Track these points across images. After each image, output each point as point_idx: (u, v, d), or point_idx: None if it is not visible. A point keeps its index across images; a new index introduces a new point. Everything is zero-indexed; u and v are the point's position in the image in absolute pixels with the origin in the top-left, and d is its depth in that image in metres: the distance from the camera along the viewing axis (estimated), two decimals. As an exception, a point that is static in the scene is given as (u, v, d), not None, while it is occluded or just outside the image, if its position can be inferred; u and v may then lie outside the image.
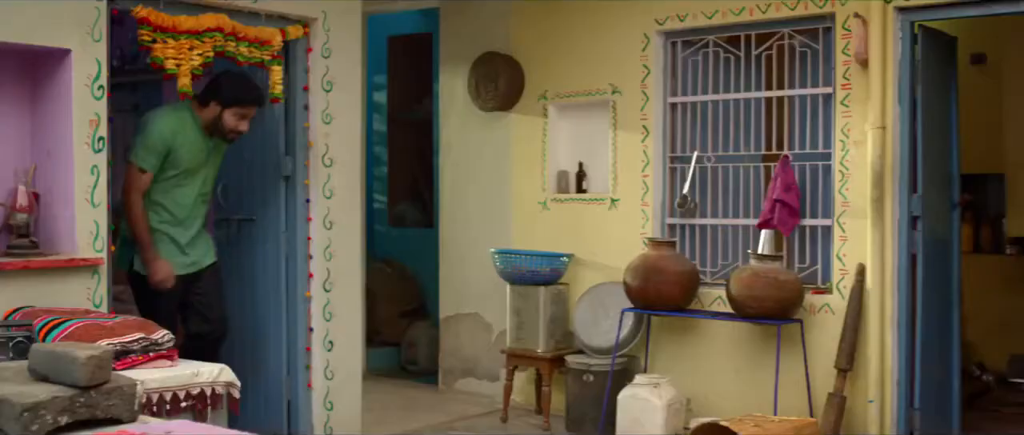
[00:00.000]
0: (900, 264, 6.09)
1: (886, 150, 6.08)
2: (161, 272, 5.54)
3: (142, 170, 5.50)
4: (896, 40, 6.07)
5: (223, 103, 5.62)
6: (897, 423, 6.11)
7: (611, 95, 7.18)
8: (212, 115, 5.64)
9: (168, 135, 5.53)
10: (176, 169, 5.59)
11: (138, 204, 5.51)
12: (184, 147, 5.58)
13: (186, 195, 5.68)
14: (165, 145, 5.52)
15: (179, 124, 5.59)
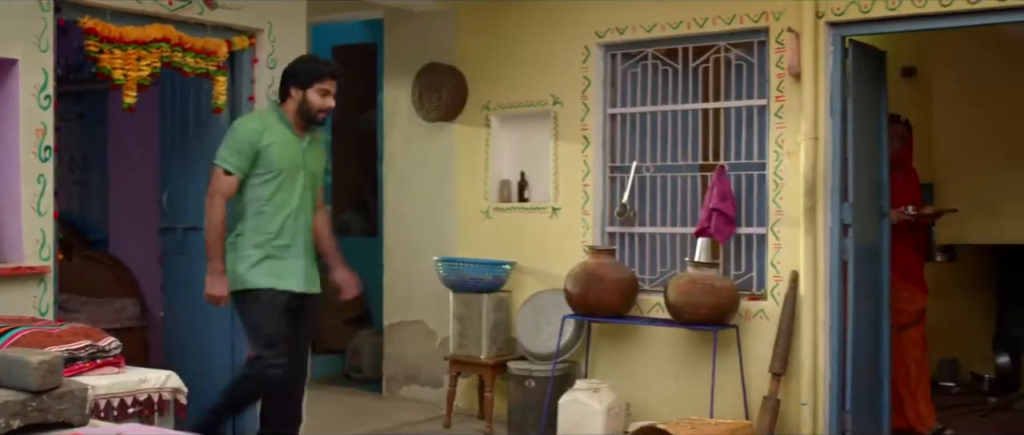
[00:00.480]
0: (832, 271, 6.26)
1: (818, 160, 6.26)
2: (216, 288, 5.27)
3: (227, 172, 5.26)
4: (828, 54, 6.26)
5: (302, 85, 5.41)
6: (829, 425, 6.28)
7: (552, 106, 7.32)
8: (296, 103, 5.41)
9: (253, 134, 5.30)
10: (268, 171, 5.32)
11: (218, 208, 5.26)
12: (273, 145, 5.31)
13: (286, 200, 5.38)
14: (251, 144, 5.28)
15: (264, 122, 5.39)
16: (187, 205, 6.37)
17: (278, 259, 5.34)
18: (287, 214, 5.37)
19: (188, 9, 5.87)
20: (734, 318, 6.46)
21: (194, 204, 6.34)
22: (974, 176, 7.88)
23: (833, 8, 6.19)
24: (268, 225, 5.33)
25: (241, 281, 5.29)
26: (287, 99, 5.44)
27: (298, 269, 5.41)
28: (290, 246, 5.38)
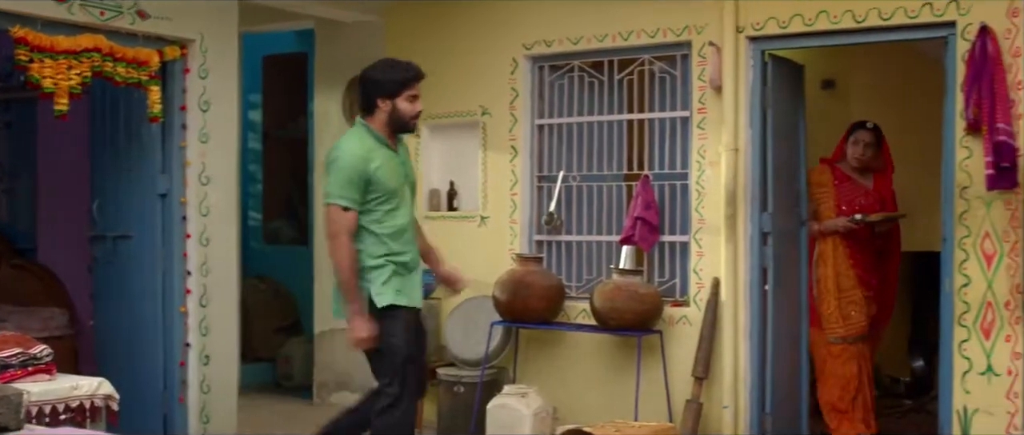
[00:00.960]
0: (752, 278, 6.45)
1: (739, 170, 6.45)
2: (364, 330, 5.03)
3: (345, 209, 4.99)
4: (748, 67, 6.45)
5: (390, 95, 5.14)
6: (750, 427, 6.46)
7: (481, 116, 7.44)
8: (385, 115, 5.14)
9: (359, 161, 5.02)
10: (381, 193, 5.09)
11: (345, 246, 4.98)
12: (380, 167, 5.07)
13: (401, 217, 5.19)
14: (360, 173, 5.01)
15: (364, 145, 5.09)
16: (118, 213, 6.41)
17: (403, 277, 5.16)
18: (403, 231, 5.19)
19: (119, 19, 5.93)
20: (658, 324, 6.63)
21: (124, 212, 6.40)
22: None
23: (753, 23, 6.40)
24: (390, 245, 5.11)
25: (374, 304, 5.06)
26: (374, 112, 5.16)
27: (418, 284, 5.27)
28: (409, 263, 5.20)
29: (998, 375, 5.78)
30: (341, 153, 5.06)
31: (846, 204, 6.84)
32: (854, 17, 6.11)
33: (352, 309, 5.01)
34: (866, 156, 6.85)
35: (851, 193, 6.88)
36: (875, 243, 6.97)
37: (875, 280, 6.95)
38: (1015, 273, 5.72)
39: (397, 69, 5.22)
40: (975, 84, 5.69)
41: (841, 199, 6.86)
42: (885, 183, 6.98)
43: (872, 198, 6.88)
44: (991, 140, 5.58)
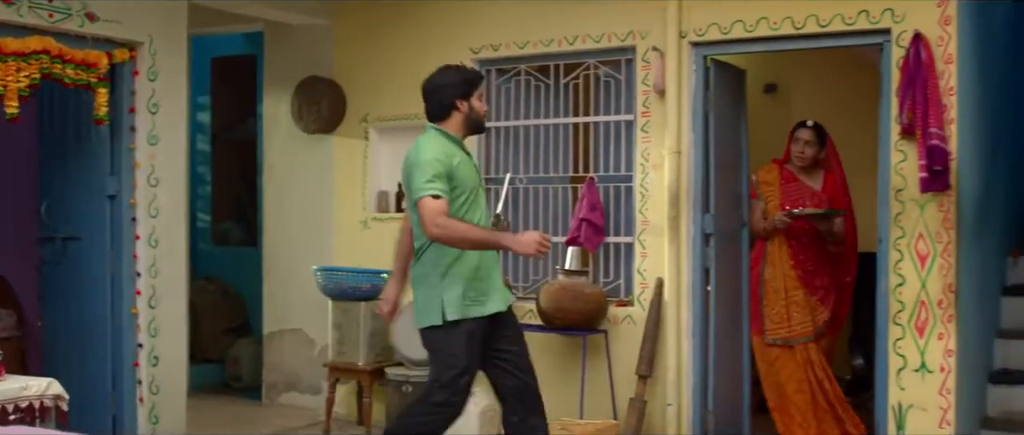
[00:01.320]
0: (694, 278, 6.59)
1: (681, 173, 6.58)
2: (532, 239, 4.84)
3: (436, 196, 4.84)
4: (690, 72, 6.59)
5: (465, 96, 5.09)
6: (693, 425, 6.60)
7: (429, 119, 7.53)
8: (462, 116, 5.10)
9: (443, 155, 4.95)
10: (463, 191, 5.01)
11: (455, 223, 4.85)
12: (460, 164, 5.02)
13: (479, 217, 5.10)
14: (446, 166, 4.93)
15: (443, 144, 5.02)
16: (66, 215, 6.43)
17: (481, 281, 5.06)
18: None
19: (68, 22, 5.95)
20: (603, 323, 6.75)
21: (73, 214, 6.41)
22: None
23: (695, 29, 6.54)
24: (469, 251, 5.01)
25: (444, 313, 4.98)
26: (452, 114, 5.09)
27: (497, 286, 5.17)
28: (485, 265, 5.09)
29: (931, 372, 5.96)
30: (421, 153, 4.97)
31: (790, 203, 6.85)
32: (793, 24, 6.27)
33: (504, 243, 4.95)
34: (806, 154, 6.86)
35: (797, 193, 6.90)
36: (821, 244, 6.90)
37: (822, 281, 6.89)
38: (948, 273, 5.90)
39: (465, 71, 5.22)
40: (909, 90, 5.87)
41: (785, 198, 6.87)
42: (834, 183, 6.97)
43: (819, 198, 6.88)
44: (925, 144, 5.76)
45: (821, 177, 6.95)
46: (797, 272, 6.84)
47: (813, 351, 6.83)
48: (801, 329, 6.82)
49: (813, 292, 6.86)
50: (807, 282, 6.85)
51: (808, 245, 6.87)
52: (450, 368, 5.00)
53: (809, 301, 6.86)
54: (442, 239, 4.86)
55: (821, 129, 6.93)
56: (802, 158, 6.89)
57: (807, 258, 6.87)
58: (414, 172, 4.93)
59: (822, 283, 6.89)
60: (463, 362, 5.00)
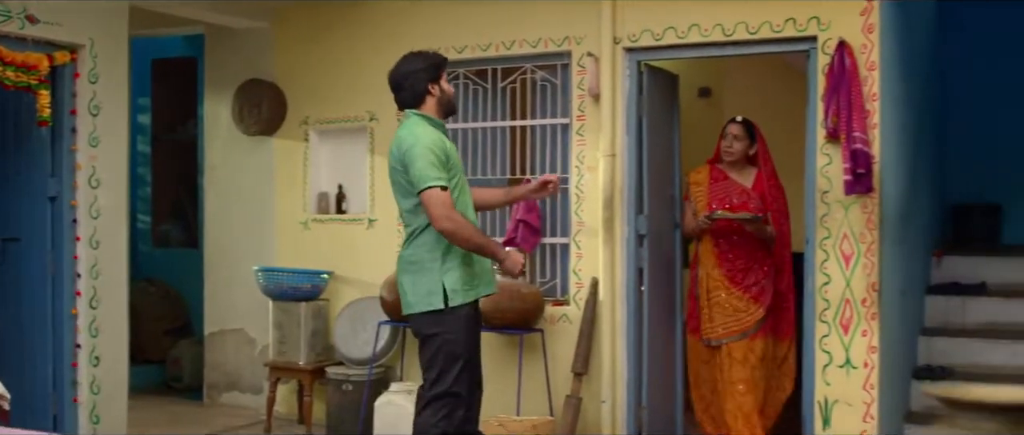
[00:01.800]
0: (628, 278, 6.75)
1: (616, 175, 6.74)
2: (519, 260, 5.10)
3: (442, 188, 4.89)
4: (624, 77, 6.75)
5: (435, 79, 5.15)
6: (627, 421, 6.76)
7: (369, 122, 7.63)
8: (436, 99, 5.15)
9: (438, 141, 5.00)
10: (456, 177, 5.06)
11: (461, 219, 4.91)
12: (451, 150, 5.09)
13: (466, 205, 5.14)
14: (444, 151, 4.99)
15: (432, 131, 5.06)
16: (6, 216, 6.44)
17: (473, 266, 5.09)
18: (471, 216, 5.15)
19: (9, 24, 5.98)
20: (540, 322, 6.89)
21: (14, 215, 6.43)
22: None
23: (629, 35, 6.70)
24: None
25: (446, 297, 4.99)
26: (426, 99, 5.14)
27: (485, 270, 5.20)
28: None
29: (855, 368, 6.16)
30: (416, 139, 4.96)
31: (717, 201, 6.72)
32: (723, 31, 6.45)
33: (496, 254, 5.05)
34: (734, 148, 6.72)
35: (725, 191, 6.77)
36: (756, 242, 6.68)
37: (756, 279, 6.65)
38: (871, 272, 6.11)
39: (429, 55, 5.23)
40: (834, 95, 6.07)
41: (713, 197, 6.74)
42: (765, 180, 6.78)
43: (749, 195, 6.73)
44: (849, 148, 5.96)
45: (752, 174, 6.81)
46: (724, 271, 6.66)
47: (740, 351, 6.63)
48: (724, 330, 6.67)
49: (746, 291, 6.65)
50: (738, 281, 6.67)
51: (738, 243, 6.69)
52: (448, 355, 4.99)
53: (738, 300, 6.66)
54: (449, 233, 4.88)
55: (750, 125, 6.84)
56: (730, 153, 6.75)
57: (737, 256, 6.69)
58: (416, 160, 4.91)
59: (755, 281, 6.67)
60: (463, 347, 5.02)
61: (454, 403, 5.03)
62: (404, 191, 5.05)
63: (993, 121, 8.75)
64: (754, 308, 6.65)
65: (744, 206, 6.69)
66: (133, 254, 9.69)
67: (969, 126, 8.75)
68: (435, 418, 5.02)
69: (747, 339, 6.62)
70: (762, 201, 6.73)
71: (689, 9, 6.53)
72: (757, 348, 6.64)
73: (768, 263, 6.71)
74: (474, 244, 4.97)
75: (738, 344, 6.62)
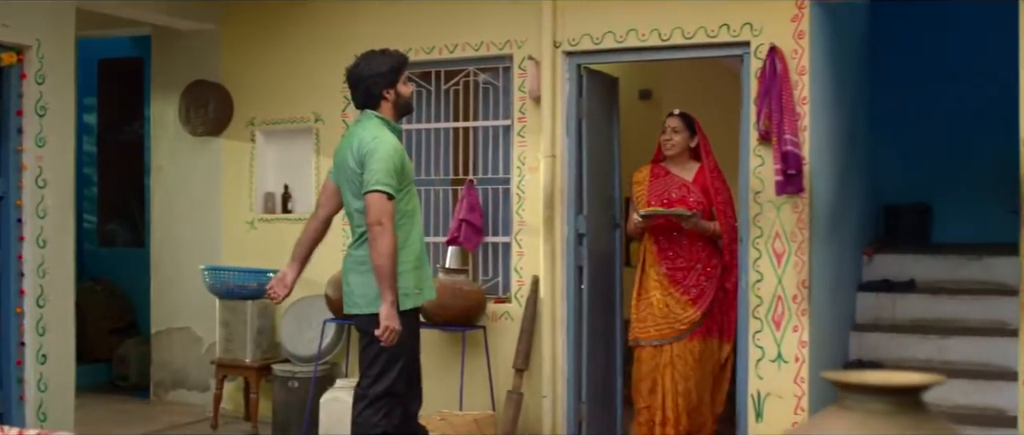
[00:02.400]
0: (568, 276, 6.91)
1: (556, 176, 6.90)
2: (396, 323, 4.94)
3: (391, 196, 4.94)
4: (564, 80, 6.91)
5: (392, 83, 5.15)
6: (567, 415, 6.92)
7: (314, 123, 7.74)
8: (391, 103, 5.18)
9: (399, 147, 5.06)
10: (408, 183, 5.12)
11: (393, 234, 4.93)
12: (407, 162, 5.15)
13: (417, 210, 5.23)
14: (402, 160, 5.05)
15: (392, 135, 5.08)
16: (-47, 216, 6.49)
17: (419, 271, 5.16)
18: (419, 222, 5.24)
19: (-44, 26, 6.03)
20: (482, 319, 7.04)
21: (-40, 215, 6.48)
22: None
23: (569, 39, 6.86)
24: (412, 238, 5.13)
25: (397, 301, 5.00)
26: (382, 103, 5.16)
27: (429, 275, 5.29)
28: (423, 254, 5.24)
29: (787, 362, 6.37)
30: (380, 142, 4.98)
31: (656, 198, 6.61)
32: (660, 35, 6.63)
33: (389, 299, 4.91)
34: (673, 141, 6.62)
35: (664, 187, 6.65)
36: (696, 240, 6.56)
37: (696, 280, 6.55)
38: (801, 270, 6.32)
39: (390, 57, 5.21)
40: (766, 98, 6.27)
41: (652, 194, 6.63)
42: (707, 174, 6.66)
43: (689, 190, 6.61)
44: (780, 149, 6.16)
45: (694, 169, 6.68)
46: (664, 269, 6.57)
47: (675, 352, 6.53)
48: (656, 331, 6.56)
49: (684, 292, 6.55)
50: (678, 280, 6.57)
51: (678, 241, 6.58)
52: (391, 355, 5.03)
53: (674, 302, 6.55)
54: (375, 236, 4.89)
55: (689, 118, 6.73)
56: (669, 145, 6.64)
57: (678, 254, 6.59)
58: (376, 162, 4.92)
59: (696, 282, 6.56)
60: (405, 348, 5.07)
61: (394, 402, 5.12)
62: (357, 191, 5.07)
63: (924, 123, 9.01)
64: (690, 310, 6.54)
65: (683, 201, 6.56)
66: (79, 253, 9.68)
67: (901, 128, 9.01)
68: (376, 417, 5.10)
69: (684, 341, 6.53)
70: (704, 195, 6.58)
71: (627, 14, 6.70)
72: (694, 350, 6.55)
73: (713, 263, 6.60)
74: (383, 262, 4.90)
75: (674, 345, 6.54)
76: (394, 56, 5.24)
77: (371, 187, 4.93)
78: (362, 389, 5.16)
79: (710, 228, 6.58)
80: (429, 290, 5.28)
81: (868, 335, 7.66)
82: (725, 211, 6.60)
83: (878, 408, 2.01)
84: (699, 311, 6.55)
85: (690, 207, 6.52)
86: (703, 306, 6.56)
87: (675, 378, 6.53)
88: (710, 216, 6.59)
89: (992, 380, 6.95)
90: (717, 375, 6.71)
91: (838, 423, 2.04)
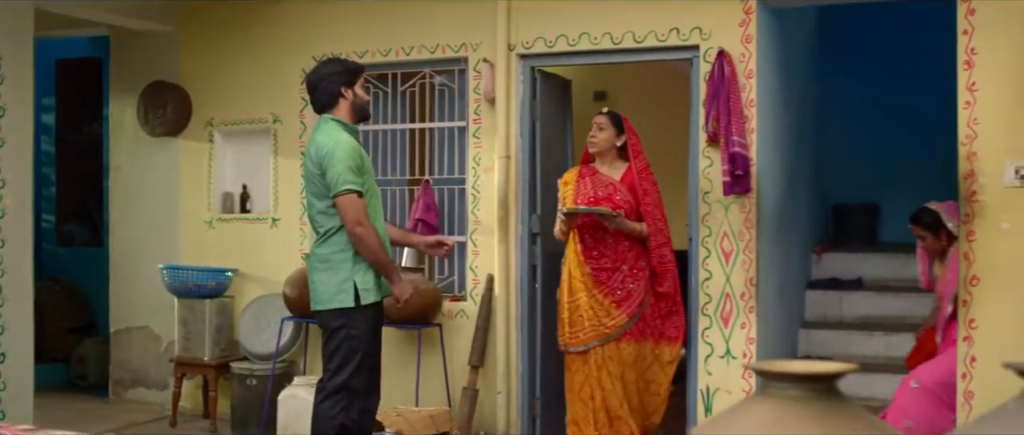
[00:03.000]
0: (522, 274, 7.05)
1: (510, 176, 7.03)
2: (408, 289, 5.33)
3: (360, 194, 5.14)
4: (518, 82, 7.05)
5: (350, 84, 5.33)
6: (521, 411, 7.06)
7: (272, 124, 7.83)
8: (349, 104, 5.34)
9: (356, 146, 5.24)
10: (366, 181, 5.25)
11: (372, 229, 5.16)
12: (365, 158, 5.32)
13: (376, 208, 5.36)
14: (361, 157, 5.23)
15: (348, 136, 5.26)
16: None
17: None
18: (379, 219, 5.36)
19: (-86, 27, 6.07)
20: (438, 317, 7.16)
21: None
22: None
23: (523, 42, 7.00)
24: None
25: (358, 296, 5.21)
26: (339, 102, 5.32)
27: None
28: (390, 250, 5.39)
29: (735, 358, 6.52)
30: (336, 144, 5.15)
31: (581, 197, 6.31)
32: (612, 39, 6.78)
33: (393, 278, 5.26)
34: (598, 137, 6.32)
35: (590, 186, 6.34)
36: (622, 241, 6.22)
37: (621, 281, 6.20)
38: (749, 268, 6.48)
39: (347, 62, 5.45)
40: (714, 101, 6.42)
41: (579, 193, 6.32)
42: (635, 174, 6.32)
43: (615, 188, 6.29)
44: (728, 151, 6.32)
45: (622, 168, 6.37)
46: (589, 269, 6.23)
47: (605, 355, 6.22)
48: (583, 336, 6.25)
49: (609, 293, 6.21)
50: (603, 281, 6.23)
51: (603, 240, 6.24)
52: (350, 349, 5.20)
53: (599, 304, 6.22)
54: (358, 238, 5.12)
55: (617, 116, 6.45)
56: (594, 142, 6.34)
57: (603, 254, 6.24)
58: (335, 164, 5.10)
59: (620, 283, 6.21)
60: (365, 344, 5.24)
61: (351, 396, 5.26)
62: (319, 193, 5.23)
63: (872, 124, 9.22)
64: (615, 313, 6.20)
65: (609, 199, 6.24)
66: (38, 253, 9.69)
67: (850, 129, 9.21)
68: (334, 410, 5.25)
69: (611, 344, 6.21)
70: (631, 195, 6.27)
71: (580, 17, 6.84)
72: (625, 353, 6.24)
73: (640, 264, 6.25)
74: (375, 257, 5.19)
75: (601, 349, 6.22)
76: (352, 62, 5.49)
77: (338, 189, 5.11)
78: (321, 382, 5.35)
79: (636, 229, 6.23)
80: (388, 285, 5.39)
81: (816, 332, 7.84)
82: (652, 213, 6.28)
83: (796, 394, 2.14)
84: (625, 314, 6.21)
85: (616, 206, 6.20)
86: (630, 309, 6.21)
87: (603, 383, 6.23)
88: (637, 217, 6.27)
89: (935, 375, 7.13)
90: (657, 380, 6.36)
91: (759, 408, 2.16)
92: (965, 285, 5.86)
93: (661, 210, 6.36)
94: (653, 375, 6.36)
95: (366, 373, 5.30)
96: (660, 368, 6.37)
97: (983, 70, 5.86)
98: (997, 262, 5.85)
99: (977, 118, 5.87)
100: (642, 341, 6.30)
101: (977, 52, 5.87)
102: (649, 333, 6.31)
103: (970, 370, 5.80)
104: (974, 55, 5.87)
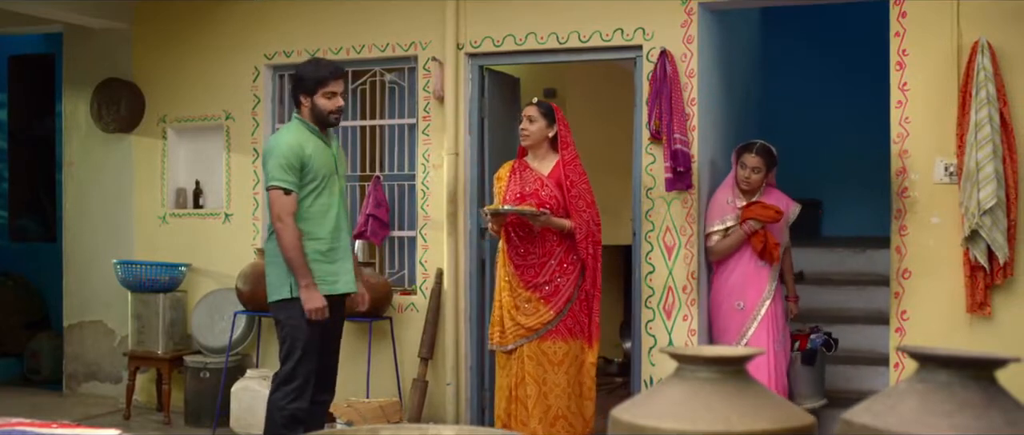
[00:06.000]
0: (471, 268, 7.20)
1: (459, 172, 7.17)
2: (317, 301, 5.34)
3: (286, 191, 5.31)
4: (466, 80, 7.19)
5: (309, 92, 5.46)
6: (471, 403, 7.21)
7: (225, 121, 7.92)
8: (308, 110, 5.47)
9: (296, 146, 5.35)
10: (314, 180, 5.40)
11: (291, 227, 5.30)
12: (314, 155, 5.40)
13: (329, 206, 5.49)
14: (297, 156, 5.33)
15: (299, 134, 5.42)
16: None
17: (328, 264, 5.48)
18: (333, 218, 5.50)
19: None
20: (388, 311, 7.29)
21: None
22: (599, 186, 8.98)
23: (471, 41, 7.14)
24: (317, 231, 5.44)
25: (287, 289, 5.39)
26: (300, 107, 5.52)
27: (346, 270, 5.57)
28: (337, 249, 5.52)
29: (677, 349, 6.68)
30: (276, 143, 5.42)
31: (511, 194, 6.18)
32: (558, 39, 6.94)
33: (304, 284, 5.32)
34: (528, 130, 6.17)
35: (521, 183, 6.19)
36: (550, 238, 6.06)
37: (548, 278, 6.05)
38: (691, 262, 6.66)
39: (318, 67, 5.52)
40: (657, 99, 6.60)
41: (510, 190, 6.20)
42: (563, 167, 6.14)
43: (543, 184, 6.12)
44: (670, 148, 6.50)
45: (553, 162, 6.19)
46: (515, 267, 6.12)
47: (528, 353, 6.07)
48: (511, 335, 6.12)
49: (535, 290, 6.08)
50: (528, 279, 6.09)
51: (528, 237, 6.10)
52: (292, 341, 5.42)
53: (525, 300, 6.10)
54: (277, 232, 5.34)
55: (548, 106, 6.28)
56: (524, 135, 6.19)
57: (529, 251, 6.10)
58: (269, 159, 5.36)
59: (548, 278, 6.07)
60: (304, 335, 5.39)
61: (298, 386, 5.45)
62: None
63: (815, 120, 9.44)
64: (542, 309, 6.07)
65: (536, 195, 6.08)
66: (-10, 248, 9.79)
67: (793, 125, 9.40)
68: (284, 401, 5.45)
69: (536, 341, 6.06)
70: (558, 190, 6.09)
71: (527, 17, 7.00)
72: (552, 351, 6.07)
73: (570, 259, 6.09)
74: (288, 255, 5.33)
75: (528, 346, 6.07)
76: (324, 68, 5.53)
77: (266, 184, 5.40)
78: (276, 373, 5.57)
79: (563, 225, 6.05)
80: (345, 283, 5.58)
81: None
82: (577, 205, 6.06)
83: (707, 376, 2.31)
84: (553, 310, 6.05)
85: (542, 202, 6.03)
86: (558, 305, 6.05)
87: (527, 382, 6.05)
88: (565, 212, 6.09)
89: (873, 365, 7.35)
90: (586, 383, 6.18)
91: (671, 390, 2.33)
92: (897, 277, 6.08)
93: (588, 201, 6.15)
94: (582, 377, 6.15)
95: (311, 362, 5.46)
96: (586, 371, 6.17)
97: (914, 71, 6.09)
98: (927, 255, 6.08)
99: (908, 117, 6.10)
100: (571, 339, 6.11)
101: (908, 53, 6.10)
102: (579, 332, 6.14)
103: (902, 360, 6.02)
104: (905, 56, 6.10)
